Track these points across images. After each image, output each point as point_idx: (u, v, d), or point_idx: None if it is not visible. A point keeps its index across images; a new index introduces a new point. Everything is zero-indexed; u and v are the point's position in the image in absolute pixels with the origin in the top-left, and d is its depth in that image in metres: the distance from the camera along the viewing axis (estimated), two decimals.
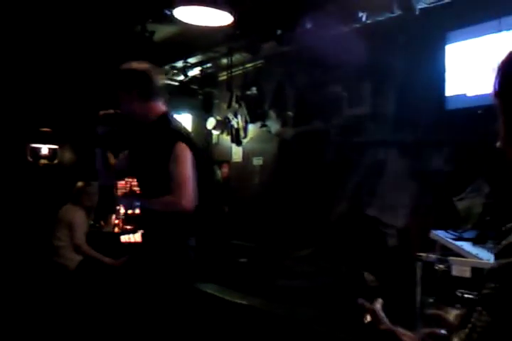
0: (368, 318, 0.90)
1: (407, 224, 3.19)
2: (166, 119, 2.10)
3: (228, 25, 3.12)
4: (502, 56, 0.85)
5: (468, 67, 2.70)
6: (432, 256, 2.44)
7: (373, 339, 0.90)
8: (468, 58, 2.69)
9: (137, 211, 2.10)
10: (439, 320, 0.88)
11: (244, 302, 3.01)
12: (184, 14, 3.05)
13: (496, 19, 2.52)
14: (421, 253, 2.51)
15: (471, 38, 2.66)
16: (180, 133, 2.05)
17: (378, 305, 0.92)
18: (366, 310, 0.92)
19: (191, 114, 5.11)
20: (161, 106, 2.13)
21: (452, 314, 0.90)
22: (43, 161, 4.93)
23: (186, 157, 1.98)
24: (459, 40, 2.72)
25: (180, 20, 3.15)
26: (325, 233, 3.73)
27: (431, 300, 2.22)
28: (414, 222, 3.13)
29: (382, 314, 0.91)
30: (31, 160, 4.89)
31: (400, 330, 0.88)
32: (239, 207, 4.51)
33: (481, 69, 2.63)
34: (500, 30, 2.50)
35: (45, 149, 4.96)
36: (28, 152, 4.89)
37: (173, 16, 3.11)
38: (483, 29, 2.59)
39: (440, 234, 2.44)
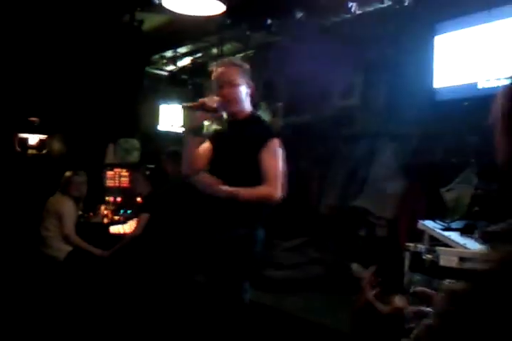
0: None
1: (396, 214, 3.21)
2: (258, 117, 2.20)
3: (219, 14, 3.09)
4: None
5: (456, 58, 2.70)
6: (420, 247, 2.46)
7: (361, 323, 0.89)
8: (456, 49, 2.69)
9: None
10: (425, 297, 0.88)
11: None
12: (173, 3, 3.01)
13: (485, 10, 2.52)
14: (409, 244, 2.53)
15: (459, 28, 2.66)
16: (273, 130, 2.14)
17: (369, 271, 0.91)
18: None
19: (181, 104, 5.08)
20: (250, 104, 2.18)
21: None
22: (31, 151, 4.89)
23: (280, 152, 2.04)
24: (447, 31, 2.72)
25: (169, 10, 3.12)
26: (314, 224, 3.74)
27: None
28: (403, 212, 3.15)
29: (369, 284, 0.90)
30: (19, 150, 4.84)
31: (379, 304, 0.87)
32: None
33: (470, 61, 2.63)
34: (488, 21, 2.51)
35: (33, 139, 4.91)
36: (16, 142, 4.84)
37: (162, 5, 3.07)
38: (472, 20, 2.59)
39: (428, 225, 2.46)
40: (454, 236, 2.31)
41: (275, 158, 2.01)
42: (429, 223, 2.48)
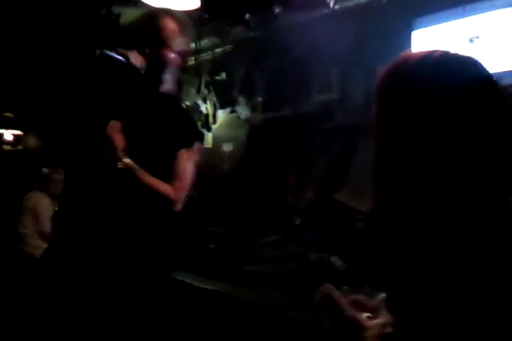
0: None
1: (374, 208, 3.23)
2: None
3: (195, 9, 3.07)
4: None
5: None
6: None
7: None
8: (433, 44, 2.72)
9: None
10: (361, 304, 0.88)
11: (213, 287, 3.02)
12: None
13: (460, 6, 2.55)
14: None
15: (436, 24, 2.69)
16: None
17: (334, 291, 0.88)
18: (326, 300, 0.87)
19: None
20: None
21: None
22: (6, 147, 4.82)
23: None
24: (424, 27, 2.74)
25: (146, 4, 3.09)
26: (293, 219, 3.76)
27: None
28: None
29: (342, 301, 0.87)
30: None
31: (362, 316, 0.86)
32: (208, 193, 4.50)
33: None
34: (463, 16, 2.54)
35: (8, 135, 4.84)
36: None
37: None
38: (448, 15, 2.62)
39: None
40: None
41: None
42: None
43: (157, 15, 1.90)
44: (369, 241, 3.13)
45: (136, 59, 1.79)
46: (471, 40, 2.52)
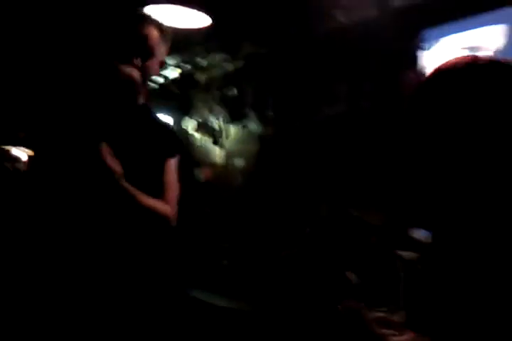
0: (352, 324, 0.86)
1: (388, 221, 3.20)
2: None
3: (205, 27, 3.08)
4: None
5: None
6: (412, 255, 2.44)
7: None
8: (444, 56, 2.70)
9: None
10: (385, 321, 0.86)
11: (231, 306, 2.99)
12: (159, 16, 3.00)
13: (472, 16, 2.53)
14: (401, 252, 2.51)
15: (445, 35, 2.67)
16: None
17: (362, 307, 0.88)
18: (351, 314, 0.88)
19: (170, 117, 5.07)
20: None
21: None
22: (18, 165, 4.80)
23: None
24: (435, 38, 2.72)
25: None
26: (307, 233, 3.72)
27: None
28: (394, 219, 3.14)
29: (370, 317, 0.87)
30: None
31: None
32: (221, 209, 4.49)
33: None
34: (476, 27, 2.52)
35: (18, 153, 4.82)
36: None
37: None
38: (460, 26, 2.60)
39: (418, 232, 2.44)
40: None
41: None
42: (419, 230, 2.46)
43: (141, 22, 1.82)
44: (383, 255, 3.09)
45: (136, 74, 1.72)
46: (476, 51, 2.51)
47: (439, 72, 0.85)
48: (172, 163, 1.84)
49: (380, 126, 3.20)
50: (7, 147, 4.68)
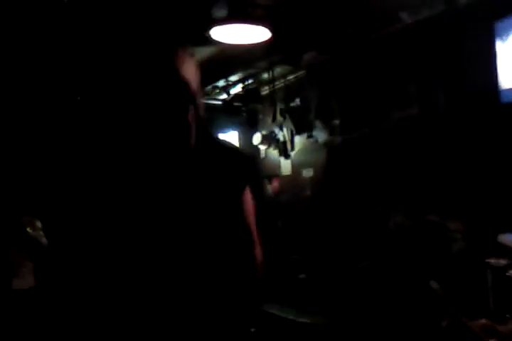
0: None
1: (473, 227, 3.03)
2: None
3: (266, 41, 3.07)
4: None
5: None
6: (502, 262, 2.28)
7: None
8: None
9: None
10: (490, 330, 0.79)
11: (308, 320, 2.93)
12: (221, 34, 3.02)
13: None
14: (489, 259, 2.36)
15: None
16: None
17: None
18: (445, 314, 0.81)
19: (237, 131, 5.12)
20: None
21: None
22: None
23: None
24: (508, 29, 2.57)
25: (218, 41, 3.13)
26: (384, 243, 3.60)
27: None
28: (481, 224, 2.97)
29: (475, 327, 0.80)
30: None
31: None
32: (292, 221, 4.44)
33: None
34: None
35: None
36: None
37: (211, 38, 3.08)
38: None
39: (509, 237, 2.29)
40: None
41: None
42: (510, 236, 2.31)
43: (177, 64, 1.42)
44: (469, 263, 2.93)
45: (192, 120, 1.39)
46: None
47: None
48: (248, 193, 1.51)
49: (457, 126, 3.06)
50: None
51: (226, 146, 1.51)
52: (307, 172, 4.37)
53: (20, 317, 2.99)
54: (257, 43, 3.13)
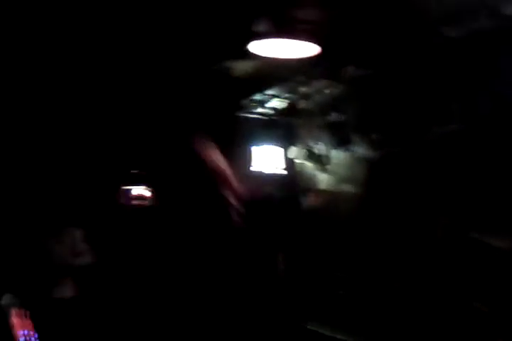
0: None
1: None
2: None
3: (313, 56, 3.03)
4: None
5: None
6: None
7: None
8: None
9: None
10: None
11: (347, 339, 2.87)
12: (263, 49, 3.00)
13: None
14: None
15: None
16: None
17: None
18: None
19: (274, 145, 5.10)
20: None
21: None
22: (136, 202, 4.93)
23: None
24: None
25: (258, 55, 3.12)
26: (425, 261, 3.51)
27: None
28: None
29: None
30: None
31: None
32: (332, 238, 4.39)
33: None
34: None
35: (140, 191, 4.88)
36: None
37: (251, 52, 3.08)
38: None
39: None
40: None
41: None
42: None
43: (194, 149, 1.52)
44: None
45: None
46: None
47: None
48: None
49: (503, 142, 2.98)
50: (128, 187, 4.87)
51: None
52: (348, 188, 4.29)
53: (61, 325, 3.05)
54: (301, 59, 3.11)
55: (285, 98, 4.56)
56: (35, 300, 2.87)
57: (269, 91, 4.52)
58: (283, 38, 2.76)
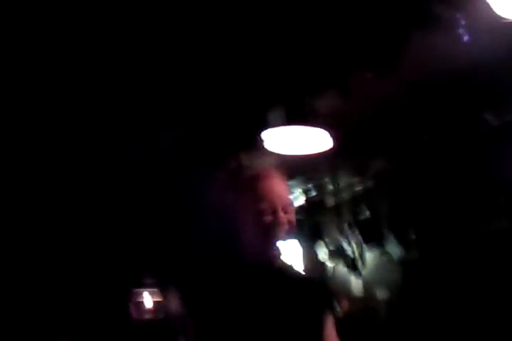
0: None
1: None
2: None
3: (328, 150, 2.87)
4: None
5: None
6: None
7: None
8: None
9: None
10: None
11: None
12: (280, 145, 2.83)
13: None
14: None
15: None
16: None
17: None
18: None
19: (301, 246, 4.86)
20: None
21: None
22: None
23: None
24: None
25: (271, 152, 2.96)
26: None
27: None
28: None
29: None
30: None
31: None
32: None
33: None
34: None
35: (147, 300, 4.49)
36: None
37: (266, 149, 2.93)
38: None
39: None
40: None
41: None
42: None
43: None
44: None
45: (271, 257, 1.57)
46: None
47: None
48: (330, 319, 1.59)
49: None
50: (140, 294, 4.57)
51: (299, 276, 1.66)
52: (381, 292, 4.02)
53: None
54: (318, 154, 2.95)
55: (312, 196, 4.44)
56: None
57: (294, 189, 4.40)
58: (300, 130, 2.60)
